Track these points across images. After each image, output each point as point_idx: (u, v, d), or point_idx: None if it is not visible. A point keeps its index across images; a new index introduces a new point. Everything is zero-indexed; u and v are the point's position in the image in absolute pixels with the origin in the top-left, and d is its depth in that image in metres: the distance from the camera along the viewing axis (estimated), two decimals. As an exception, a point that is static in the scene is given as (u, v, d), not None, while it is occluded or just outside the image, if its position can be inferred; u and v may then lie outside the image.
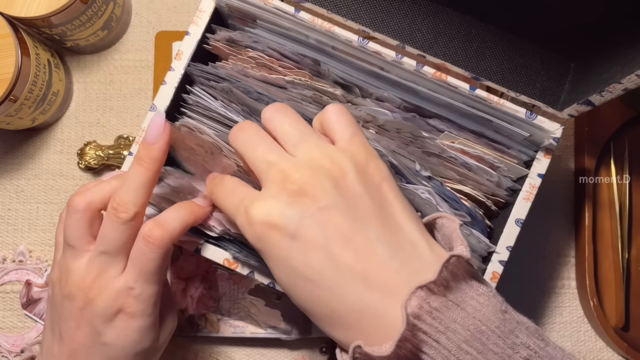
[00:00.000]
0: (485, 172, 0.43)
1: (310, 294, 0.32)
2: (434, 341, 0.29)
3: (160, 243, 0.37)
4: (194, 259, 0.54)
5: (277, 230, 0.32)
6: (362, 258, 0.31)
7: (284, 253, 0.32)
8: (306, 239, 0.31)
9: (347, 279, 0.31)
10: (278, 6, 0.42)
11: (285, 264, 0.32)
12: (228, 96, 0.42)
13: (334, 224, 0.31)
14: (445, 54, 0.46)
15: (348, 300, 0.31)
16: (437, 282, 0.29)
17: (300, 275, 0.32)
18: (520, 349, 0.29)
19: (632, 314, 0.56)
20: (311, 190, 0.32)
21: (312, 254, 0.31)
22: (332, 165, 0.33)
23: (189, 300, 0.54)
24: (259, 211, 0.32)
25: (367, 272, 0.31)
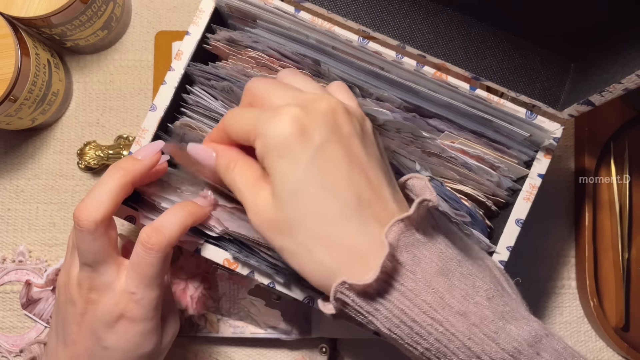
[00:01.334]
0: (485, 172, 0.43)
1: (317, 206, 0.32)
2: (410, 273, 0.31)
3: (158, 248, 0.37)
4: (194, 259, 0.54)
5: (308, 133, 0.32)
6: (372, 190, 0.32)
7: (308, 156, 0.32)
8: (333, 151, 0.32)
9: (359, 201, 0.32)
10: (278, 6, 0.42)
11: (304, 167, 0.32)
12: (228, 96, 0.42)
13: (356, 151, 0.33)
14: (446, 54, 0.46)
15: (352, 222, 0.31)
16: (411, 218, 0.31)
17: (316, 183, 0.32)
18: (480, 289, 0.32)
19: (632, 314, 0.56)
20: (343, 115, 0.33)
21: (335, 165, 0.32)
22: (356, 109, 0.35)
23: (189, 300, 0.54)
24: (293, 111, 0.32)
25: (374, 203, 0.32)
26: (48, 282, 0.55)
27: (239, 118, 0.35)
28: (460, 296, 0.31)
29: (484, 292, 0.31)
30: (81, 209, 0.36)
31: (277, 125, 0.32)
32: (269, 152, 0.32)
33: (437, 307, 0.30)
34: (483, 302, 0.31)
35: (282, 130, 0.32)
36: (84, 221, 0.36)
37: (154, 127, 0.44)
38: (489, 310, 0.31)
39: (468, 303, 0.31)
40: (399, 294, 0.30)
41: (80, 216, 0.36)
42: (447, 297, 0.30)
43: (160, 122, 0.44)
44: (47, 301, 0.55)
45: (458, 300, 0.31)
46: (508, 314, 0.31)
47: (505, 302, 0.32)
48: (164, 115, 0.44)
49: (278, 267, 0.41)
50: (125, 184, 0.38)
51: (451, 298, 0.30)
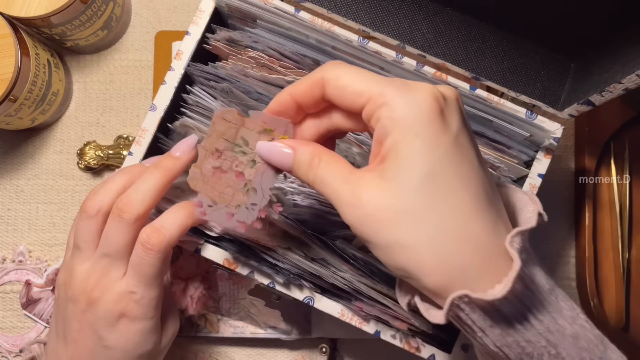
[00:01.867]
0: (485, 172, 0.43)
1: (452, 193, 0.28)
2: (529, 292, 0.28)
3: (158, 249, 0.37)
4: (194, 259, 0.54)
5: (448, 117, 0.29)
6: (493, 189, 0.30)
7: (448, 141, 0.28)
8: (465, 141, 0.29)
9: (489, 197, 0.29)
10: (278, 6, 0.42)
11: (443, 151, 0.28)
12: (228, 96, 0.42)
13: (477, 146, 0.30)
14: (446, 53, 0.46)
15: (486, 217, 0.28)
16: (531, 231, 0.29)
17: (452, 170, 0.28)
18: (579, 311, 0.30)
19: (632, 314, 0.56)
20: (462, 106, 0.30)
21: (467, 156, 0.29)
22: None
23: (189, 300, 0.54)
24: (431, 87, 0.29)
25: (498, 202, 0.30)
26: (48, 282, 0.55)
27: (355, 75, 0.30)
28: (569, 317, 0.29)
29: (582, 313, 0.29)
30: (125, 202, 0.37)
31: (419, 100, 0.28)
32: (403, 127, 0.28)
33: (552, 329, 0.28)
34: (585, 324, 0.29)
35: (425, 106, 0.28)
36: (127, 213, 0.37)
37: (154, 127, 0.44)
38: (592, 333, 0.29)
39: (576, 325, 0.29)
40: (517, 312, 0.28)
41: (124, 207, 0.37)
42: (559, 319, 0.28)
43: (160, 122, 0.44)
44: (47, 301, 0.55)
45: (569, 322, 0.28)
46: (604, 338, 0.30)
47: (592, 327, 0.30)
48: (164, 115, 0.44)
49: (278, 267, 0.41)
50: (166, 183, 0.39)
51: (562, 319, 0.28)
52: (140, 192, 0.38)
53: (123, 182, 0.39)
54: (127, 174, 0.40)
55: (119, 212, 0.37)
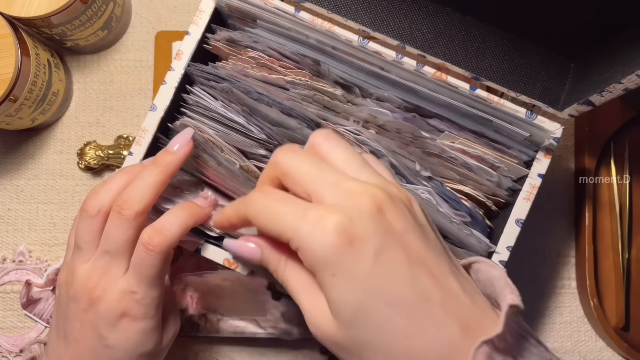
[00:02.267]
0: (485, 172, 0.43)
1: (386, 324, 0.28)
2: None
3: (160, 249, 0.37)
4: (194, 259, 0.54)
5: (359, 244, 0.28)
6: (440, 287, 0.29)
7: (364, 271, 0.28)
8: (390, 258, 0.28)
9: (431, 307, 0.28)
10: (278, 6, 0.42)
11: (362, 285, 0.28)
12: (228, 96, 0.42)
13: (413, 247, 0.29)
14: (446, 54, 0.46)
15: (430, 331, 0.28)
16: (500, 337, 0.27)
17: (379, 299, 0.28)
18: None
19: (632, 314, 0.56)
20: (391, 209, 0.29)
21: (396, 275, 0.28)
22: (399, 192, 0.31)
23: (189, 300, 0.54)
24: (334, 219, 0.28)
25: (446, 303, 0.28)
26: (48, 282, 0.55)
27: (270, 212, 0.30)
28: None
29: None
30: (124, 199, 0.37)
31: (322, 239, 0.28)
32: (319, 269, 0.29)
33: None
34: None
35: (329, 244, 0.28)
36: (126, 210, 0.37)
37: (154, 127, 0.44)
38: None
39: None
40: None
41: (123, 205, 0.37)
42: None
43: (160, 122, 0.44)
44: (47, 301, 0.55)
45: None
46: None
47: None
48: (164, 115, 0.44)
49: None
50: (164, 179, 0.38)
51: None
52: (139, 189, 0.38)
53: (123, 181, 0.39)
54: (127, 174, 0.40)
55: (118, 209, 0.37)
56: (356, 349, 0.29)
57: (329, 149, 0.32)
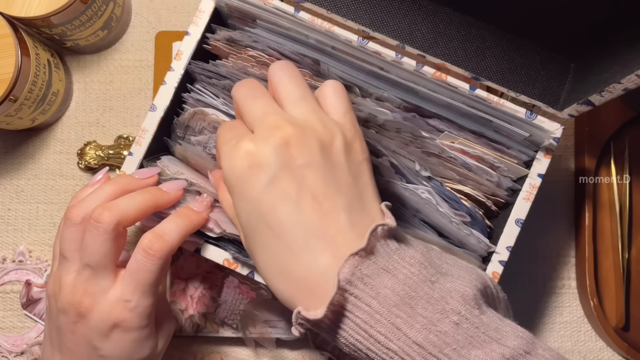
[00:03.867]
0: (485, 172, 0.43)
1: (266, 242, 0.33)
2: (365, 305, 0.30)
3: (160, 255, 0.37)
4: (194, 259, 0.54)
5: (256, 170, 0.32)
6: (325, 221, 0.32)
7: (255, 194, 0.32)
8: (280, 187, 0.32)
9: (307, 236, 0.32)
10: (278, 6, 0.42)
11: (252, 206, 0.32)
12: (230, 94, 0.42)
13: (311, 182, 0.32)
14: (445, 54, 0.46)
15: (301, 257, 0.32)
16: (366, 249, 0.30)
17: (263, 221, 0.32)
18: (449, 314, 0.30)
19: (632, 314, 0.56)
20: (298, 145, 0.32)
21: (281, 204, 0.32)
22: (324, 130, 0.34)
23: (189, 300, 0.54)
24: (246, 146, 0.33)
25: (325, 234, 0.32)
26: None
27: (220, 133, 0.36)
28: (420, 325, 0.30)
29: (453, 315, 0.30)
30: (103, 208, 0.37)
31: (231, 162, 0.33)
32: (229, 187, 0.34)
33: (392, 338, 0.30)
34: (448, 329, 0.30)
35: (234, 167, 0.33)
36: (104, 218, 0.37)
37: (154, 127, 0.44)
38: (453, 337, 0.30)
39: (428, 332, 0.30)
40: (354, 325, 0.31)
41: (101, 213, 0.37)
42: (405, 328, 0.30)
43: (160, 122, 0.44)
44: (47, 301, 0.55)
45: (417, 330, 0.30)
46: (478, 338, 0.30)
47: (481, 323, 0.31)
48: (164, 115, 0.44)
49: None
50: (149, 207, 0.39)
51: (409, 328, 0.30)
52: (123, 202, 0.38)
53: (111, 191, 0.39)
54: (116, 184, 0.39)
55: (96, 217, 0.37)
56: (252, 257, 0.35)
57: (278, 80, 0.36)
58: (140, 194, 0.39)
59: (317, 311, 0.30)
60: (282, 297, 0.33)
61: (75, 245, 0.38)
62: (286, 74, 0.36)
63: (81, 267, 0.37)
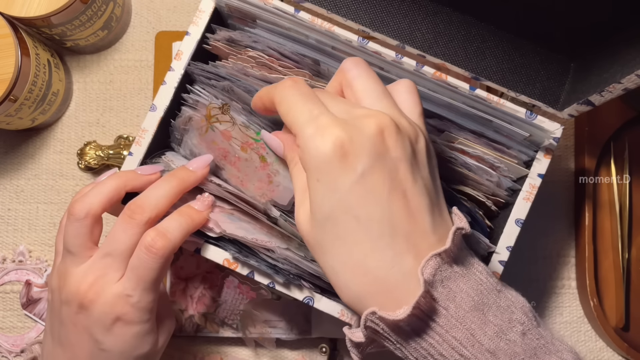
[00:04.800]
0: (485, 172, 0.43)
1: (349, 235, 0.31)
2: (443, 309, 0.30)
3: (162, 253, 0.37)
4: (194, 259, 0.54)
5: (351, 159, 0.30)
6: (412, 221, 0.31)
7: (347, 185, 0.30)
8: (374, 180, 0.30)
9: (395, 234, 0.30)
10: (278, 6, 0.42)
11: (341, 196, 0.30)
12: (229, 95, 0.42)
13: (402, 177, 0.31)
14: (445, 53, 0.46)
15: (385, 254, 0.30)
16: (448, 251, 0.30)
17: (350, 212, 0.30)
18: (516, 324, 0.31)
19: (632, 314, 0.56)
20: (394, 136, 0.31)
21: (374, 197, 0.30)
22: (410, 127, 0.32)
23: (189, 300, 0.54)
24: (337, 131, 0.30)
25: (411, 235, 0.31)
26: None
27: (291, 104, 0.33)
28: (492, 333, 0.30)
29: (519, 326, 0.31)
30: (138, 204, 0.38)
31: (319, 147, 0.31)
32: (308, 170, 0.32)
33: (466, 344, 0.30)
34: (516, 338, 0.30)
35: (323, 153, 0.30)
36: (139, 214, 0.37)
37: (154, 127, 0.44)
38: (521, 347, 0.30)
39: (500, 340, 0.30)
40: (430, 329, 0.30)
41: (136, 209, 0.37)
42: (479, 334, 0.30)
43: (160, 122, 0.44)
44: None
45: (489, 337, 0.30)
46: (542, 348, 0.31)
47: (540, 335, 0.31)
48: (164, 115, 0.44)
49: (277, 268, 0.41)
50: (179, 192, 0.39)
51: (482, 335, 0.30)
52: (154, 196, 0.38)
53: (115, 186, 0.39)
54: (119, 179, 0.39)
55: (130, 213, 0.37)
56: (320, 248, 0.32)
57: (355, 76, 0.34)
58: (167, 181, 0.39)
59: (399, 311, 0.29)
60: (352, 294, 0.31)
61: (80, 240, 0.38)
62: (364, 70, 0.34)
63: (100, 256, 0.38)
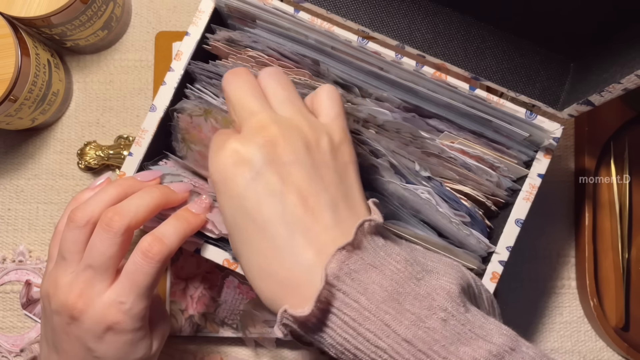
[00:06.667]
0: (485, 172, 0.43)
1: (250, 239, 0.32)
2: (354, 302, 0.30)
3: (159, 258, 0.37)
4: (194, 259, 0.54)
5: (241, 166, 0.32)
6: (309, 217, 0.32)
7: (240, 190, 0.32)
8: (265, 183, 0.32)
9: (291, 233, 0.31)
10: (277, 6, 0.42)
11: (237, 203, 0.32)
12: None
13: (296, 179, 0.32)
14: (445, 54, 0.46)
15: (285, 253, 0.31)
16: (353, 243, 0.30)
17: (248, 217, 0.32)
18: (437, 310, 0.30)
19: (632, 314, 0.56)
20: (283, 143, 0.33)
21: (266, 199, 0.32)
22: (309, 130, 0.34)
23: (189, 300, 0.54)
24: (232, 145, 0.33)
25: (310, 231, 0.31)
26: (48, 282, 0.55)
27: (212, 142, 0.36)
28: (409, 322, 0.30)
29: (441, 312, 0.30)
30: (116, 211, 0.37)
31: (217, 161, 0.33)
32: (214, 185, 0.34)
33: (381, 335, 0.30)
34: (436, 325, 0.30)
35: (219, 165, 0.33)
36: (116, 222, 0.37)
37: (154, 128, 0.44)
38: (441, 333, 0.30)
39: (417, 329, 0.30)
40: (342, 323, 0.30)
41: (113, 217, 0.37)
42: (393, 325, 0.30)
43: (160, 122, 0.44)
44: (47, 301, 0.55)
45: (406, 327, 0.30)
46: (465, 335, 0.30)
47: (466, 320, 0.30)
48: (164, 115, 0.44)
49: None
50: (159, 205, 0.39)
51: (398, 325, 0.30)
52: (133, 205, 0.38)
53: (116, 193, 0.39)
54: (119, 187, 0.39)
55: (107, 221, 0.37)
56: (237, 256, 0.34)
57: (266, 84, 0.36)
58: (149, 193, 0.39)
59: (304, 308, 0.30)
60: (266, 297, 0.32)
61: (76, 247, 0.38)
62: (273, 78, 0.36)
63: (82, 268, 0.37)
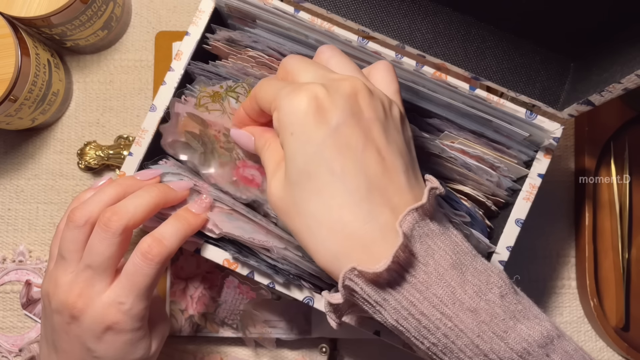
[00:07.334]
0: (485, 172, 0.43)
1: (324, 189, 0.31)
2: (422, 265, 0.30)
3: (159, 259, 0.37)
4: (194, 259, 0.54)
5: (325, 113, 0.31)
6: (387, 177, 0.31)
7: (321, 137, 0.31)
8: (348, 134, 0.31)
9: (370, 187, 0.31)
10: (277, 6, 0.42)
11: (314, 149, 0.31)
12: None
13: (375, 135, 0.31)
14: (445, 53, 0.46)
15: (361, 207, 0.30)
16: (424, 207, 0.30)
17: (325, 165, 0.31)
18: (493, 286, 0.31)
19: (632, 314, 0.56)
20: (368, 99, 0.32)
21: (347, 150, 0.31)
22: (383, 96, 0.33)
23: (189, 300, 0.54)
24: (315, 90, 0.31)
25: (386, 189, 0.31)
26: (48, 282, 0.55)
27: (266, 86, 0.34)
28: (472, 292, 0.30)
29: (497, 289, 0.30)
30: (114, 211, 0.37)
31: (294, 102, 0.31)
32: (283, 127, 0.32)
33: (447, 302, 0.29)
34: (495, 299, 0.30)
35: (298, 107, 0.31)
36: (115, 222, 0.37)
37: (154, 127, 0.44)
38: (501, 308, 0.30)
39: (480, 299, 0.30)
40: (410, 285, 0.29)
41: (112, 217, 0.37)
42: (459, 292, 0.30)
43: (160, 122, 0.44)
44: (47, 301, 0.55)
45: (470, 296, 0.30)
46: (520, 313, 0.30)
47: (518, 300, 0.31)
48: (164, 115, 0.44)
49: (277, 268, 0.41)
50: (158, 204, 0.39)
51: (463, 293, 0.30)
52: (132, 205, 0.38)
53: (115, 193, 0.39)
54: (119, 186, 0.39)
55: (106, 221, 0.37)
56: (295, 210, 0.32)
57: (329, 56, 0.35)
58: (147, 192, 0.39)
59: (379, 264, 0.29)
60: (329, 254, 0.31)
61: (75, 246, 0.38)
62: (338, 52, 0.36)
63: (81, 268, 0.37)
